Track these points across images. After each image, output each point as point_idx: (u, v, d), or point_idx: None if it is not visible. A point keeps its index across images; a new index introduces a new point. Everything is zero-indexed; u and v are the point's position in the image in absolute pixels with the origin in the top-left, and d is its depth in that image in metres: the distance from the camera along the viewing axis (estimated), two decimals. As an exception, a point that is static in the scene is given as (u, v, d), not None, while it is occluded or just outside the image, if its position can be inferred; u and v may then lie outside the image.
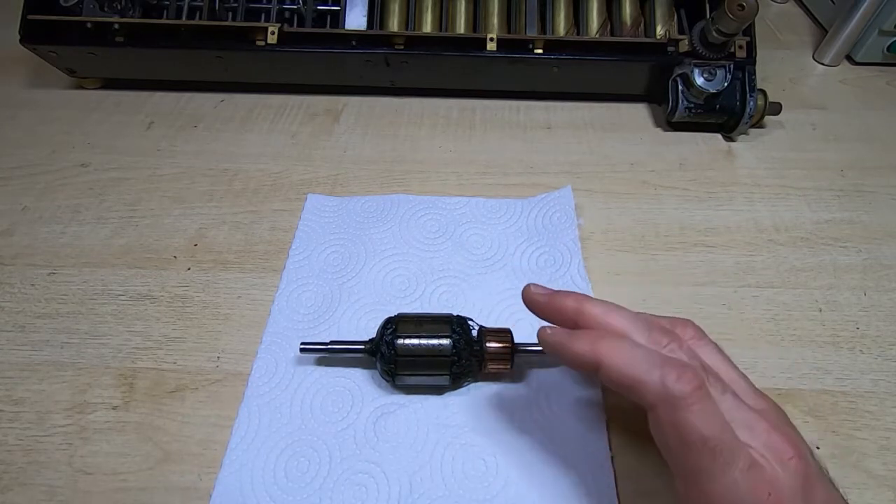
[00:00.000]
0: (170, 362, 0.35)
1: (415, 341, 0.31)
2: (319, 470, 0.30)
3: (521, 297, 0.37)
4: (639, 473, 0.30)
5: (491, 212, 0.43)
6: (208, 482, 0.30)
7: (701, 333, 0.25)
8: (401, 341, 0.31)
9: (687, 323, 0.26)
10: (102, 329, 0.37)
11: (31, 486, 0.30)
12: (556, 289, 0.27)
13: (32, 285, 0.39)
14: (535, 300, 0.28)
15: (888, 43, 0.55)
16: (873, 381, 0.34)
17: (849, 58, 0.58)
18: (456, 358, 0.31)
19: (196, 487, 0.30)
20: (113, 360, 0.35)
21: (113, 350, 0.36)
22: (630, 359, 0.23)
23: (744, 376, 0.25)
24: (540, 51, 0.47)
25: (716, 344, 0.26)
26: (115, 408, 0.33)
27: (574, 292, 0.27)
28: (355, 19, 0.50)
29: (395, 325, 0.32)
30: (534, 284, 0.28)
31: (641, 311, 0.37)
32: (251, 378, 0.34)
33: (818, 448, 0.32)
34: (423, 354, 0.31)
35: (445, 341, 0.31)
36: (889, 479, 0.31)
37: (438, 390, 0.33)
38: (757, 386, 0.33)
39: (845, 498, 0.22)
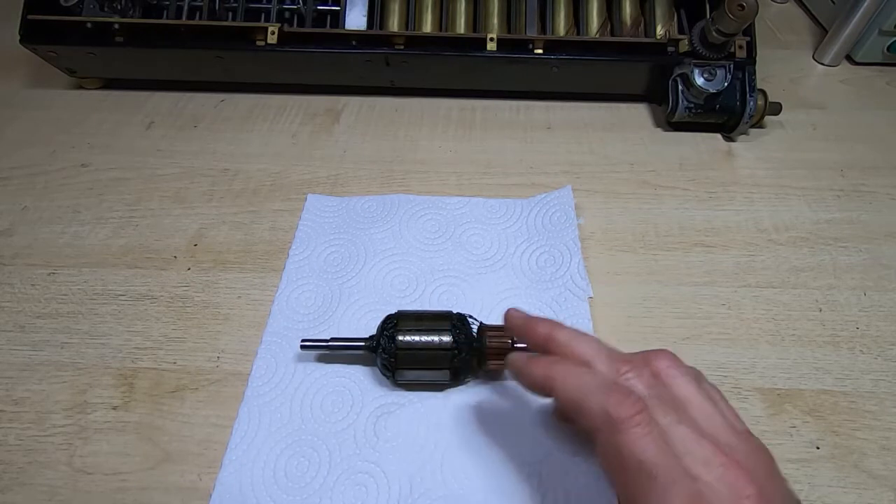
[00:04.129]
0: (170, 362, 0.35)
1: (415, 337, 0.31)
2: (319, 470, 0.30)
3: (521, 296, 0.38)
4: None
5: (491, 212, 0.43)
6: (208, 482, 0.30)
7: (676, 363, 0.25)
8: (401, 336, 0.31)
9: (661, 354, 0.25)
10: (102, 329, 0.37)
11: (31, 486, 0.30)
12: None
13: (32, 285, 0.39)
14: (513, 324, 0.29)
15: (888, 43, 0.55)
16: (873, 381, 0.34)
17: (849, 58, 0.58)
18: (456, 352, 0.31)
19: (196, 487, 0.30)
20: (113, 360, 0.35)
21: (113, 350, 0.36)
22: (578, 384, 0.24)
23: (723, 413, 0.24)
24: (540, 51, 0.47)
25: (696, 376, 0.25)
26: (115, 408, 0.33)
27: (548, 320, 0.28)
28: (355, 19, 0.50)
29: (396, 320, 0.32)
30: (514, 308, 0.29)
31: (641, 310, 0.37)
32: (251, 378, 0.34)
33: (818, 448, 0.32)
34: (423, 349, 0.31)
35: (446, 337, 0.31)
36: (889, 479, 0.31)
37: (438, 387, 0.34)
38: (757, 386, 0.34)
39: None
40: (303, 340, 0.33)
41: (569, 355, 0.25)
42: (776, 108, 0.49)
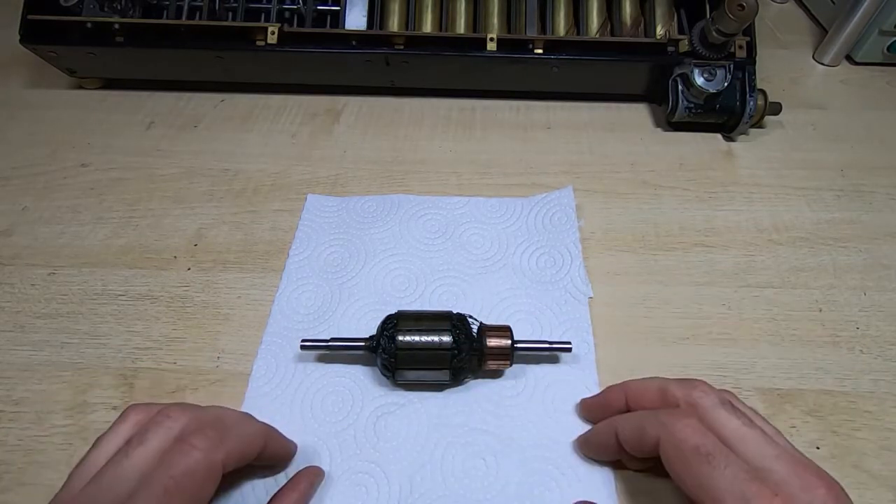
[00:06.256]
0: (170, 362, 0.35)
1: (415, 337, 0.31)
2: (319, 470, 0.30)
3: (521, 297, 0.38)
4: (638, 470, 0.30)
5: (491, 212, 0.43)
6: (208, 482, 0.30)
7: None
8: (401, 336, 0.31)
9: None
10: (102, 329, 0.37)
11: (31, 486, 0.30)
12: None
13: (32, 285, 0.39)
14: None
15: (888, 43, 0.55)
16: (873, 381, 0.34)
17: (849, 58, 0.58)
18: (456, 352, 0.31)
19: (196, 487, 0.30)
20: (113, 360, 0.35)
21: (113, 350, 0.36)
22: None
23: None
24: (540, 51, 0.47)
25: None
26: (115, 408, 0.33)
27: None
28: (355, 19, 0.50)
29: (396, 320, 0.32)
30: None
31: (641, 310, 0.37)
32: (251, 378, 0.34)
33: (818, 448, 0.32)
34: (423, 349, 0.31)
35: (446, 337, 0.31)
36: (889, 479, 0.31)
37: (438, 387, 0.34)
38: (757, 386, 0.34)
39: None
40: (303, 340, 0.33)
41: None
42: (776, 108, 0.49)
